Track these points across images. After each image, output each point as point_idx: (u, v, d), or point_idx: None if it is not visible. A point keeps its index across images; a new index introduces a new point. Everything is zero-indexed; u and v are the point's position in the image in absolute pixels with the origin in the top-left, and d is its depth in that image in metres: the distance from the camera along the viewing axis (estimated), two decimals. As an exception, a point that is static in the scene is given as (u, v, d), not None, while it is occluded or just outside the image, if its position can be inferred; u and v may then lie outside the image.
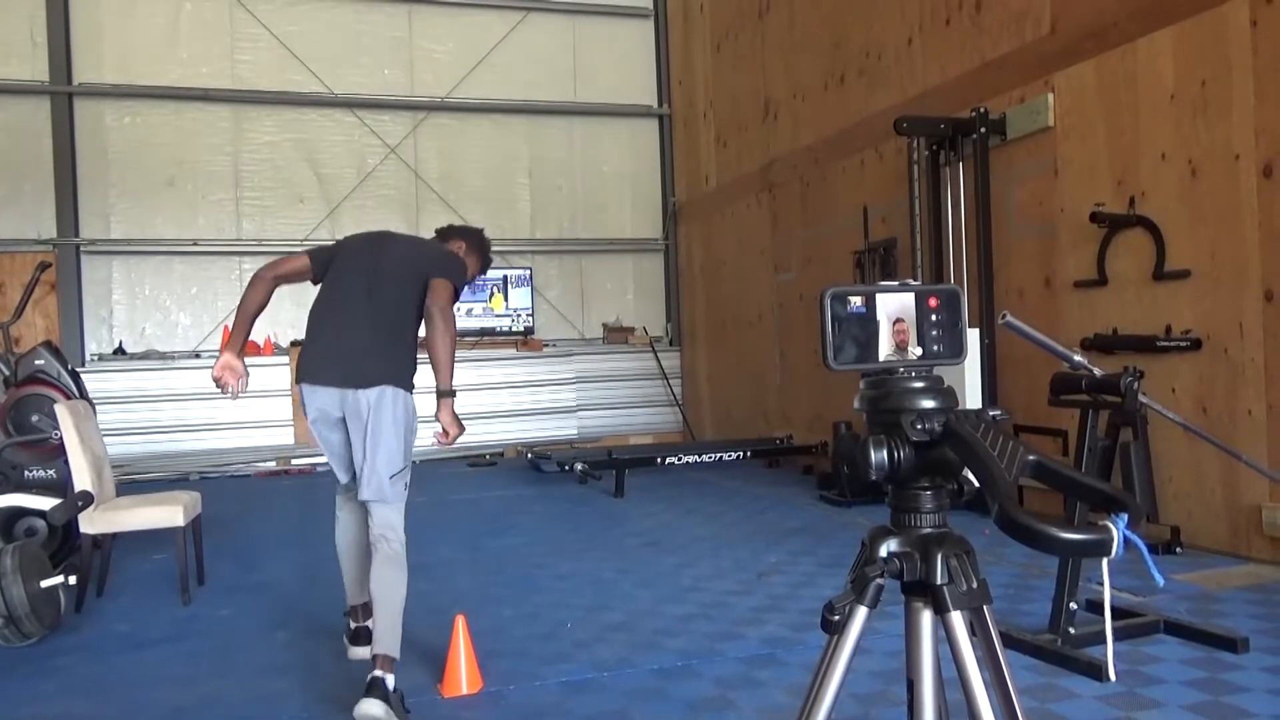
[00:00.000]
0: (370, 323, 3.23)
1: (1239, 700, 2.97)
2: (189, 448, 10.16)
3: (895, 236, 7.32)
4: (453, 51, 11.43)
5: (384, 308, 3.25)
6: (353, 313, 3.25)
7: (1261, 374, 4.70)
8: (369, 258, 3.38)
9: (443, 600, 4.54)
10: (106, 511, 4.68)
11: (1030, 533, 1.01)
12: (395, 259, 3.39)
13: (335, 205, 11.06)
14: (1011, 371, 6.14)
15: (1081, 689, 3.11)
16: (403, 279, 3.31)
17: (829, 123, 8.37)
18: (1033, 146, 6.08)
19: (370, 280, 3.30)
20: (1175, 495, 5.12)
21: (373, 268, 3.34)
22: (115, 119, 10.47)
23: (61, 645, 4.04)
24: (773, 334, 9.49)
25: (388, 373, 3.20)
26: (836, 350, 1.20)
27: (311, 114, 11.05)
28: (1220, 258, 4.88)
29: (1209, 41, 4.90)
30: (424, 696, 3.26)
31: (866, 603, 1.21)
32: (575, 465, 8.15)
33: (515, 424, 11.14)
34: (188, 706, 3.26)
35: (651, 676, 3.40)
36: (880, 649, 3.39)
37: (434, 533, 6.41)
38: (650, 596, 4.50)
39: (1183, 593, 4.22)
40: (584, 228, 11.98)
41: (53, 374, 5.52)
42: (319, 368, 3.23)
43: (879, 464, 1.17)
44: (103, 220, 10.43)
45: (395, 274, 3.33)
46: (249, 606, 4.63)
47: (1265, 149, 4.64)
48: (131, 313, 10.57)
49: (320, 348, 3.25)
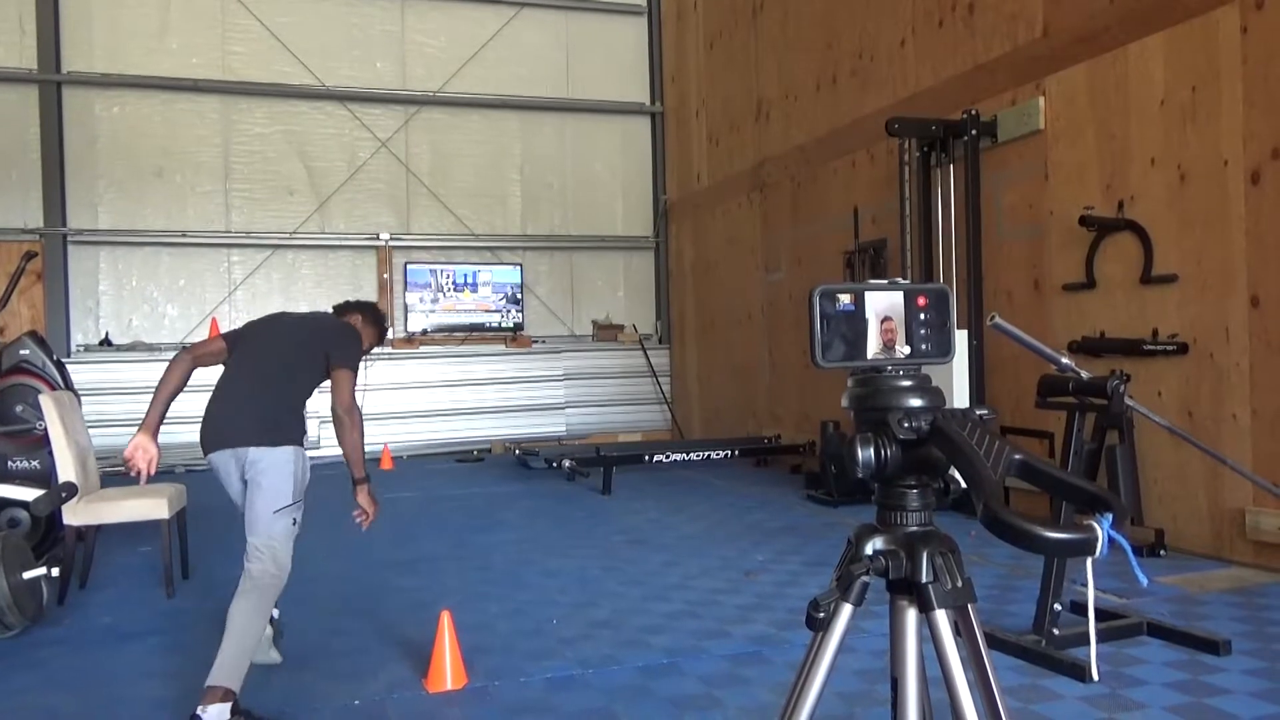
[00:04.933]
0: (259, 392, 3.38)
1: (1221, 702, 2.99)
2: (175, 440, 10.08)
3: (885, 237, 7.34)
4: (445, 46, 11.40)
5: (271, 380, 3.42)
6: (244, 383, 3.41)
7: (1246, 379, 4.73)
8: (267, 335, 3.57)
9: (428, 596, 4.54)
10: (90, 503, 4.65)
11: (1015, 531, 1.01)
12: (290, 338, 3.57)
13: (325, 199, 11.02)
14: (999, 374, 6.16)
15: (1065, 690, 3.12)
16: (298, 353, 3.51)
17: (821, 123, 8.38)
18: (1023, 149, 6.10)
19: (261, 357, 3.47)
20: (1159, 498, 5.15)
21: (268, 345, 3.52)
22: (104, 108, 10.40)
23: (43, 638, 4.01)
24: (762, 333, 9.50)
25: (272, 433, 3.32)
26: (825, 348, 1.20)
27: (302, 106, 11.00)
28: (1207, 263, 4.91)
29: (1199, 47, 4.93)
30: (409, 692, 3.25)
31: (852, 600, 1.21)
32: (563, 462, 8.14)
33: (503, 420, 11.12)
34: (171, 700, 3.24)
35: (637, 674, 3.40)
36: (865, 648, 3.40)
37: (420, 528, 6.39)
38: (637, 594, 4.50)
39: (1166, 595, 4.24)
40: (575, 225, 11.97)
41: (38, 364, 5.48)
42: (211, 437, 3.39)
43: (866, 462, 1.17)
44: (90, 210, 10.36)
45: (288, 350, 3.52)
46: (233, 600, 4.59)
47: (1253, 155, 4.67)
48: (118, 304, 10.51)
49: (211, 416, 3.41)
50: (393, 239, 11.24)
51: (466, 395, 11.08)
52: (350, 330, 3.69)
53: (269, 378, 3.40)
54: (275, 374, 3.42)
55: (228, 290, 10.81)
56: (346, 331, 3.67)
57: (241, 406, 3.35)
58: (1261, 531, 4.63)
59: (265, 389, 3.38)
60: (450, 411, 10.99)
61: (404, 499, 7.72)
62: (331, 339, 3.57)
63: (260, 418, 3.31)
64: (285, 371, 3.44)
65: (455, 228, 11.47)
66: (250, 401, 3.35)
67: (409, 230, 11.35)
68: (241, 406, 3.35)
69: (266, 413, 3.33)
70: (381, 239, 11.19)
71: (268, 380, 3.40)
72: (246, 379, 3.40)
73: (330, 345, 3.51)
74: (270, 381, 3.40)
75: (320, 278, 11.09)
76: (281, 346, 3.52)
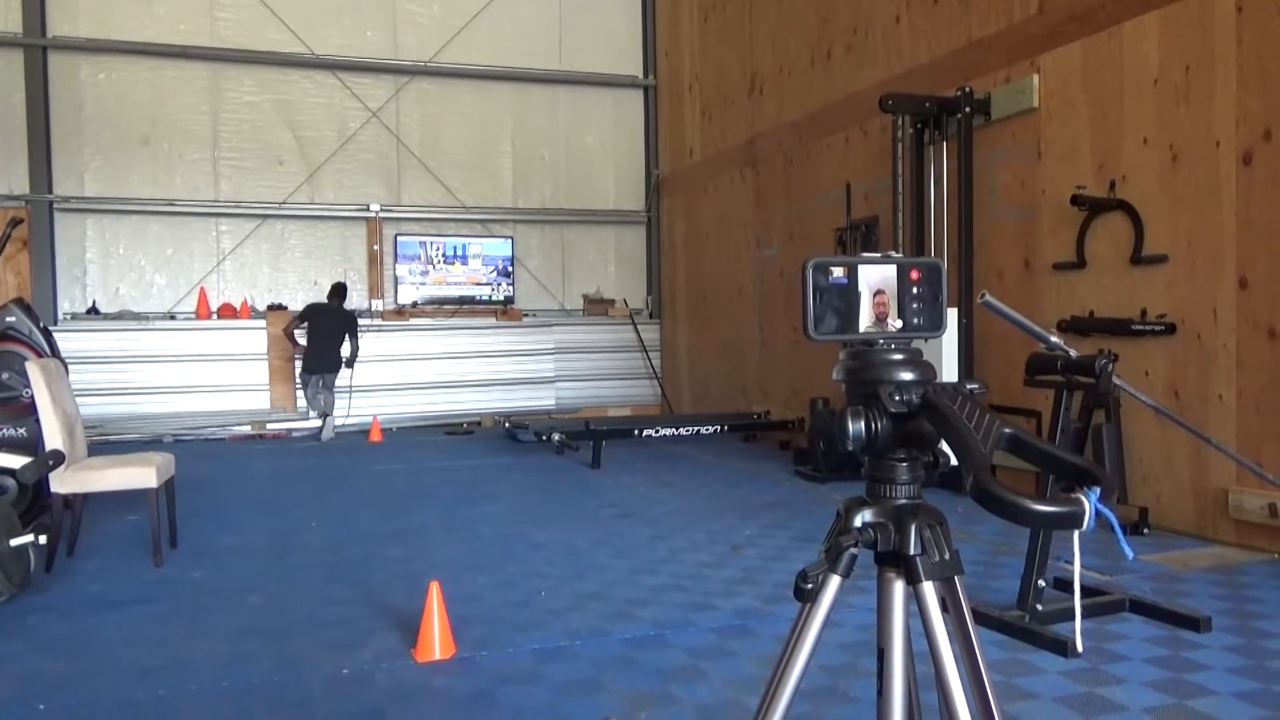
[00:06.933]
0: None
1: (1200, 678, 3.03)
2: (163, 409, 10.08)
3: (877, 214, 7.33)
4: (437, 15, 11.28)
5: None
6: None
7: (1233, 359, 4.76)
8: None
9: (417, 566, 4.55)
10: (78, 471, 4.64)
11: (1003, 504, 1.02)
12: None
13: (315, 169, 10.94)
14: (988, 351, 6.18)
15: (1047, 664, 3.16)
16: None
17: (814, 98, 8.35)
18: (1017, 128, 6.09)
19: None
20: (1144, 477, 5.19)
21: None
22: (90, 74, 10.28)
23: (31, 605, 4.01)
24: (753, 309, 9.51)
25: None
26: (817, 320, 1.20)
27: (292, 75, 10.89)
28: (1197, 243, 4.92)
29: (1194, 27, 4.91)
30: (397, 661, 3.27)
31: (840, 572, 1.22)
32: (552, 436, 8.15)
33: (493, 393, 11.13)
34: (158, 667, 3.25)
35: (624, 645, 3.43)
36: (850, 622, 3.43)
37: (410, 500, 6.40)
38: (624, 567, 4.53)
39: (1149, 572, 4.29)
40: (566, 198, 11.92)
41: (24, 331, 5.44)
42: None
43: (856, 434, 1.17)
44: (76, 178, 10.26)
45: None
46: (221, 569, 4.61)
47: (1245, 136, 4.67)
48: (105, 272, 10.44)
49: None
50: (383, 210, 11.17)
51: (456, 368, 11.07)
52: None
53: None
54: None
55: (216, 260, 10.75)
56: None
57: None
58: (1244, 511, 4.68)
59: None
60: (440, 384, 10.98)
61: (393, 471, 7.72)
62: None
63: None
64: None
65: (446, 200, 11.41)
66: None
67: (399, 202, 11.28)
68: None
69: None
70: (372, 210, 11.12)
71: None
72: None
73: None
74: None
75: (310, 249, 11.04)
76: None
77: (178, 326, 10.30)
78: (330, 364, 9.70)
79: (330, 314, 9.82)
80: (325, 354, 9.66)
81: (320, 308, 9.87)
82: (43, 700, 2.99)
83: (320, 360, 9.65)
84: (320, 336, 9.69)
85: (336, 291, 10.06)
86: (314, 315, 9.77)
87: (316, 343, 9.67)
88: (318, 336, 9.68)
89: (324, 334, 9.71)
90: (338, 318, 9.84)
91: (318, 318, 9.75)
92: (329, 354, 9.69)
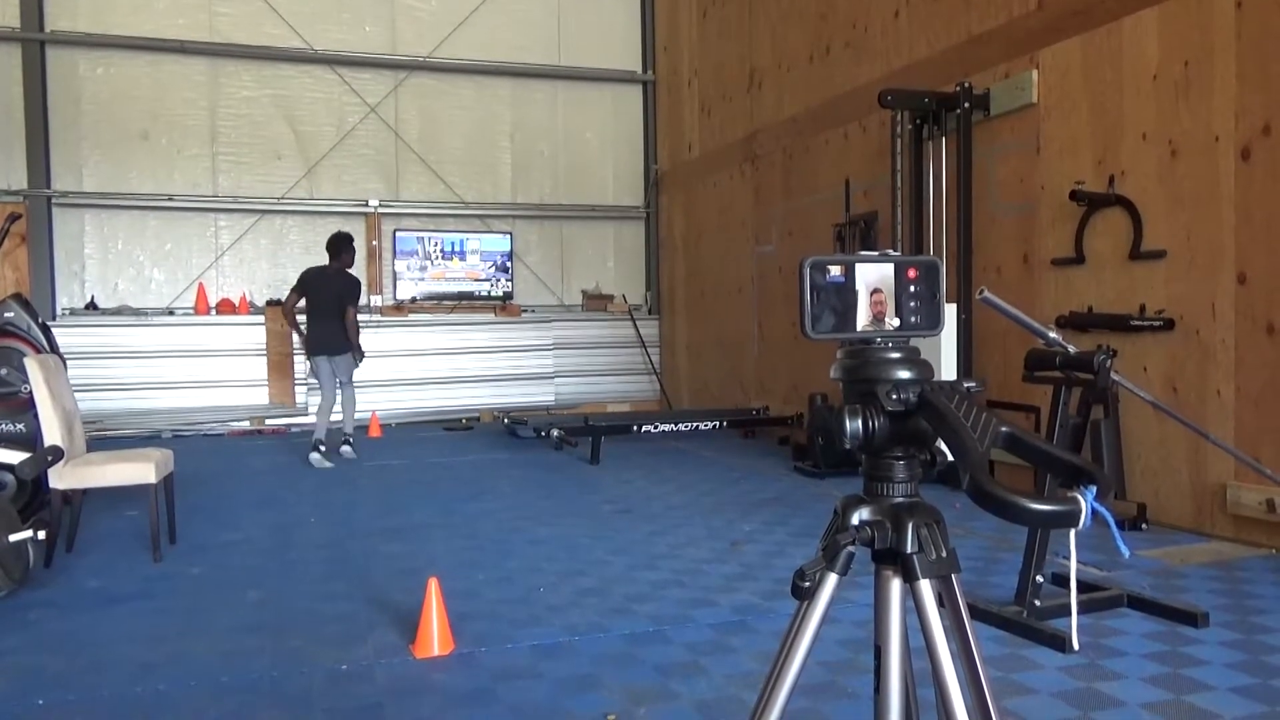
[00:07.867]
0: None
1: (1198, 673, 3.04)
2: (161, 405, 10.08)
3: (876, 210, 7.32)
4: (435, 10, 11.26)
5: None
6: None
7: (1231, 355, 4.76)
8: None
9: (416, 563, 4.56)
10: (77, 467, 4.64)
11: (1000, 502, 1.02)
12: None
13: (314, 164, 10.92)
14: (987, 347, 6.19)
15: (1045, 660, 3.17)
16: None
17: (813, 94, 8.34)
18: (1016, 123, 6.09)
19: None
20: (1143, 473, 5.20)
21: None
22: (89, 69, 10.25)
23: (30, 600, 4.02)
24: (752, 305, 9.51)
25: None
26: (814, 319, 1.20)
27: (291, 70, 10.87)
28: (1196, 239, 4.92)
29: (1193, 22, 4.91)
30: (396, 657, 3.28)
31: (837, 570, 1.22)
32: (551, 431, 8.15)
33: (492, 389, 11.13)
34: (157, 663, 3.26)
35: (623, 641, 3.43)
36: (848, 619, 3.44)
37: (409, 496, 6.41)
38: (623, 563, 4.53)
39: (1146, 568, 4.29)
40: (565, 193, 11.91)
41: (23, 327, 5.44)
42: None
43: (854, 433, 1.18)
44: (75, 172, 10.24)
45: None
46: (220, 565, 4.62)
47: (1244, 131, 4.67)
48: (104, 268, 10.43)
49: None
50: (382, 205, 11.16)
51: (455, 364, 11.07)
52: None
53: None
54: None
55: (215, 255, 10.74)
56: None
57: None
58: (1242, 506, 4.68)
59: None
60: (439, 380, 10.98)
61: (392, 467, 7.72)
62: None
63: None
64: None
65: (445, 195, 11.40)
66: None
67: (398, 197, 11.27)
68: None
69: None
70: (370, 205, 11.11)
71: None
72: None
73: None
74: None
75: (309, 244, 11.01)
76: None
77: (176, 322, 10.30)
78: (332, 343, 7.81)
79: (325, 279, 7.86)
80: (324, 331, 7.80)
81: (315, 272, 7.96)
82: (42, 695, 2.99)
83: (318, 339, 7.83)
84: (316, 309, 7.84)
85: (333, 246, 8.02)
86: (308, 283, 7.88)
87: (313, 317, 7.86)
88: (314, 309, 7.85)
89: (319, 306, 7.83)
90: (333, 283, 7.83)
91: (312, 285, 7.85)
92: (328, 330, 7.80)
